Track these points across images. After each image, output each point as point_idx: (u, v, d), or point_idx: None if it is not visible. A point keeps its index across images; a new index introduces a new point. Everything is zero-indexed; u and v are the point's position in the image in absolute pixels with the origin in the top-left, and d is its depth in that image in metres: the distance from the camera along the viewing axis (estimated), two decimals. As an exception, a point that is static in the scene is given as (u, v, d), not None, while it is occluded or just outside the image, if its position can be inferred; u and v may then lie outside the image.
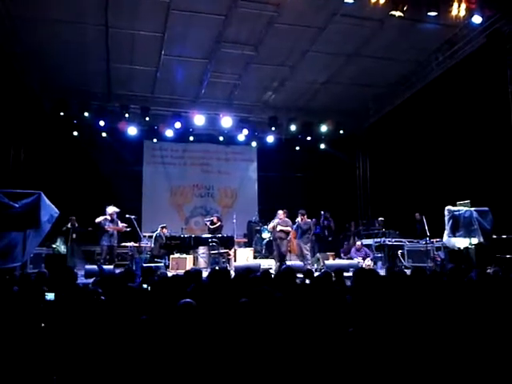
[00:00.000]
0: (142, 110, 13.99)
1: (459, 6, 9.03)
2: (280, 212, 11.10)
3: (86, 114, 13.53)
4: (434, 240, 10.88)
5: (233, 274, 7.34)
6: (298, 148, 16.23)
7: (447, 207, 10.18)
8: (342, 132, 15.74)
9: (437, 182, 12.11)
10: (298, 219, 11.13)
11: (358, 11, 9.47)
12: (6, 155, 12.66)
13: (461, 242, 9.94)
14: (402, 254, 11.86)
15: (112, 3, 9.34)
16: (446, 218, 10.09)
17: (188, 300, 3.54)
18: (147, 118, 14.06)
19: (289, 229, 10.97)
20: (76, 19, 9.84)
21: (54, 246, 11.61)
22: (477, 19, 9.52)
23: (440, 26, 10.16)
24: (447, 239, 10.15)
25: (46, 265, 9.53)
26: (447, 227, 10.05)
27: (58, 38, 10.53)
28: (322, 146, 16.35)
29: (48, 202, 8.81)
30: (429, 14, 9.12)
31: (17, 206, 8.29)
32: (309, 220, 11.48)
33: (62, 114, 13.26)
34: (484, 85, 10.48)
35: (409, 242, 11.98)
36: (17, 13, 9.54)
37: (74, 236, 12.06)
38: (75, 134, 14.31)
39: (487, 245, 9.66)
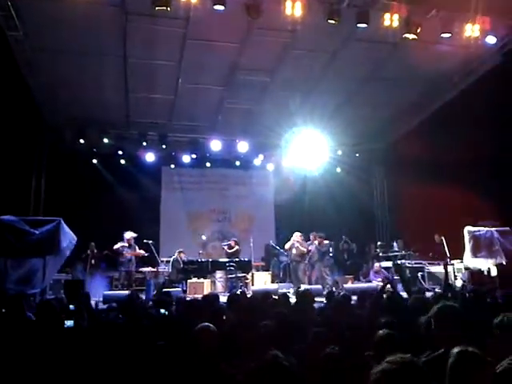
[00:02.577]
0: (159, 136, 14.20)
1: (472, 27, 9.08)
2: (297, 234, 11.05)
3: (106, 141, 13.78)
4: (455, 261, 10.70)
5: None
6: (314, 171, 16.19)
7: (467, 228, 10.03)
8: (357, 155, 15.75)
9: (456, 203, 11.92)
10: (316, 242, 11.06)
11: (371, 35, 9.55)
12: (28, 183, 12.97)
13: (483, 263, 9.75)
14: (423, 276, 11.66)
15: (130, 34, 9.59)
16: (467, 239, 9.93)
17: (206, 324, 3.52)
18: (164, 146, 14.27)
19: (304, 250, 10.90)
20: (95, 50, 10.10)
21: (72, 271, 11.69)
22: (491, 39, 9.53)
23: (454, 47, 10.17)
24: (469, 260, 9.98)
25: (65, 291, 9.59)
26: (468, 248, 9.88)
27: (78, 69, 10.76)
28: (338, 169, 16.29)
29: (67, 228, 8.93)
30: (442, 35, 9.17)
31: (37, 232, 8.43)
32: (326, 242, 11.40)
33: (81, 142, 13.54)
34: (501, 104, 10.41)
35: (429, 263, 11.78)
36: (38, 45, 9.76)
37: (93, 262, 12.15)
38: (95, 161, 14.53)
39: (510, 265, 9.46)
